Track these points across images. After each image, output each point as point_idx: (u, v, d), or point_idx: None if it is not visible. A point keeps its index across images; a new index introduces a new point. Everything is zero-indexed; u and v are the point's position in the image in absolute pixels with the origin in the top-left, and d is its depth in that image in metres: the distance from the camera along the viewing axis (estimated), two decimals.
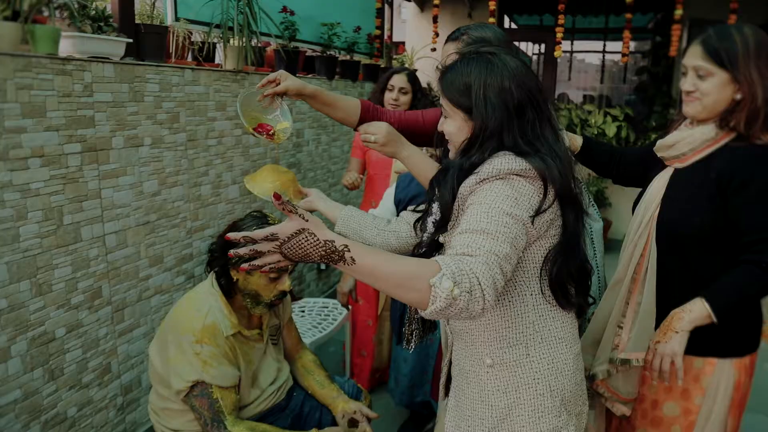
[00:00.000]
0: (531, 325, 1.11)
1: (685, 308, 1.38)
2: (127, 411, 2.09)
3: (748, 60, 1.33)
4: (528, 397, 1.11)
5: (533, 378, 1.11)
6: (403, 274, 0.89)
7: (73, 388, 1.85)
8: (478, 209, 0.99)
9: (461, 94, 1.10)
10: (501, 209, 0.98)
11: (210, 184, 2.47)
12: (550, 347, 1.12)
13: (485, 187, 1.02)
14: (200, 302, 1.57)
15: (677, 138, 1.46)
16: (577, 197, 1.10)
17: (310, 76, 3.39)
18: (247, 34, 2.50)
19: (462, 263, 0.89)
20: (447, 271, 0.87)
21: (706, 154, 1.41)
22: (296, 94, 1.50)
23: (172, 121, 2.20)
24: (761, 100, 1.33)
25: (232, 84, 2.56)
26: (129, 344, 2.08)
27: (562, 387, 1.12)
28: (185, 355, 1.49)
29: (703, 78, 1.38)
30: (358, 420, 1.73)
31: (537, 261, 1.10)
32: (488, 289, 0.88)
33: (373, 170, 2.70)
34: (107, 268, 1.95)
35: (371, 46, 4.30)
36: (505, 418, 1.11)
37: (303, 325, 2.46)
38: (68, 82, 1.73)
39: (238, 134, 2.63)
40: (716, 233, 1.38)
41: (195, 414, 1.51)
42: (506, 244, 0.94)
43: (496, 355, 1.12)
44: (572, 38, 6.52)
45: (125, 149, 1.98)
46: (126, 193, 2.00)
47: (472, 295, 0.87)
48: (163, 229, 2.21)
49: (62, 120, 1.72)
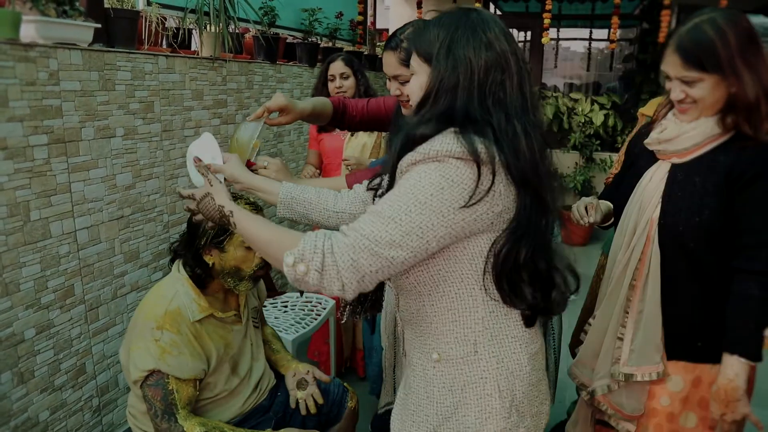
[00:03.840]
0: (480, 321, 1.03)
1: (727, 375, 1.27)
2: (104, 412, 2.02)
3: (731, 56, 1.22)
4: (474, 397, 1.04)
5: (480, 377, 1.04)
6: (266, 240, 0.99)
7: (44, 392, 1.77)
8: (395, 192, 0.95)
9: (430, 43, 1.03)
10: (415, 197, 0.92)
11: (187, 177, 2.38)
12: (500, 346, 1.05)
13: (416, 168, 0.95)
14: (165, 289, 1.52)
15: (677, 132, 1.35)
16: (536, 181, 0.98)
17: (291, 63, 3.29)
18: (224, 20, 2.40)
19: (325, 241, 0.92)
20: (299, 247, 0.92)
21: (709, 150, 1.32)
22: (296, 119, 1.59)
23: (146, 110, 2.10)
24: (753, 95, 1.23)
25: (209, 72, 2.46)
26: (104, 344, 2.00)
27: (513, 387, 1.05)
28: (145, 341, 1.42)
29: (691, 85, 1.28)
30: (308, 381, 1.73)
31: (484, 254, 1.00)
32: (345, 272, 0.90)
33: (327, 159, 2.73)
34: (79, 265, 1.87)
35: (354, 32, 4.21)
36: (450, 417, 1.05)
37: (286, 321, 2.40)
38: (32, 69, 1.63)
39: (216, 124, 2.54)
40: (724, 231, 1.29)
41: (146, 404, 1.43)
42: (395, 231, 0.91)
43: (443, 350, 1.06)
44: (558, 25, 6.47)
45: (96, 140, 1.88)
46: (98, 186, 1.91)
47: (324, 273, 0.90)
48: (138, 223, 2.12)
49: (26, 110, 1.63)
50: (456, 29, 1.01)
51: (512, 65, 1.00)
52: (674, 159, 1.38)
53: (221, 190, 1.11)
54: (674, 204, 1.35)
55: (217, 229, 1.46)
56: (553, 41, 6.55)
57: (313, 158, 2.79)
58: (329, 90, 2.64)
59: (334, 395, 1.79)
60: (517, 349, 1.06)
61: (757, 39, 1.27)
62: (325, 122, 1.75)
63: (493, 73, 0.99)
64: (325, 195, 1.29)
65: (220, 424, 1.49)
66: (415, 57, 1.07)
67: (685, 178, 1.34)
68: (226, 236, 1.49)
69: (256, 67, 2.85)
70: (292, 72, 3.23)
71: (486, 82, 0.98)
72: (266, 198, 1.27)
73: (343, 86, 2.61)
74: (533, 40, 6.22)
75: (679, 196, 1.34)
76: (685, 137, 1.33)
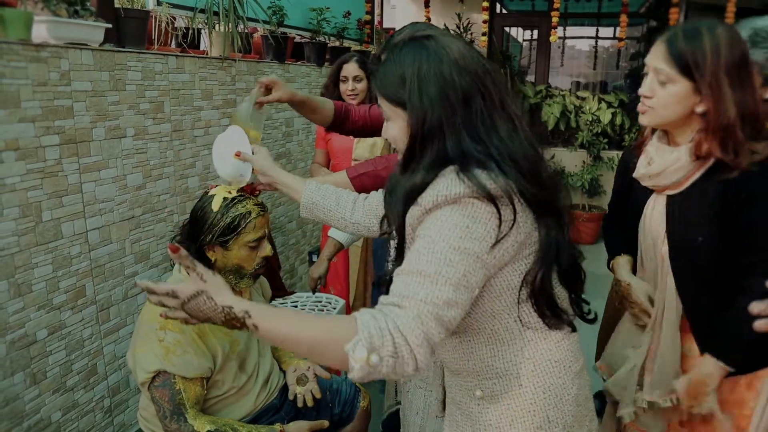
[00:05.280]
0: (519, 352, 0.99)
1: (702, 372, 1.29)
2: (115, 413, 2.02)
3: (717, 69, 1.17)
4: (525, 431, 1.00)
5: (528, 411, 0.99)
6: (310, 339, 0.78)
7: (56, 392, 1.77)
8: (422, 244, 0.86)
9: (397, 87, 0.94)
10: (448, 244, 0.84)
11: (197, 176, 2.38)
12: (544, 374, 1.00)
13: (434, 215, 0.88)
14: None
15: (662, 166, 1.32)
16: (549, 201, 0.94)
17: (300, 63, 3.29)
18: (234, 20, 2.39)
19: (386, 321, 0.78)
20: (363, 335, 0.76)
21: (702, 173, 1.28)
22: (287, 100, 1.57)
23: (156, 110, 2.10)
24: (734, 116, 1.17)
25: (219, 71, 2.46)
26: (115, 344, 1.99)
27: (563, 414, 1.01)
28: (149, 343, 1.42)
29: (663, 84, 1.23)
30: (308, 377, 1.73)
31: (515, 286, 0.96)
32: (419, 349, 0.78)
33: (336, 158, 2.68)
34: (90, 266, 1.86)
35: (361, 31, 4.20)
36: None
37: None
38: (44, 70, 1.63)
39: (225, 124, 2.53)
40: (733, 252, 1.28)
41: (155, 406, 1.43)
42: (447, 288, 0.82)
43: (485, 387, 1.01)
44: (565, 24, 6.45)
45: (107, 141, 1.88)
46: (109, 187, 1.91)
47: (398, 358, 0.77)
48: (148, 223, 2.12)
49: (38, 110, 1.62)
50: (420, 65, 0.93)
51: (488, 84, 0.94)
52: (668, 192, 1.36)
53: (220, 284, 0.85)
54: (680, 236, 1.33)
55: (224, 229, 1.46)
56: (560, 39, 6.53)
57: (320, 157, 2.77)
58: (341, 91, 2.59)
59: (347, 395, 1.79)
60: (561, 372, 1.01)
61: (749, 64, 1.22)
62: (321, 122, 1.75)
63: (473, 101, 0.93)
64: (343, 203, 1.29)
65: (230, 421, 1.48)
66: (385, 102, 0.99)
67: (684, 209, 1.32)
68: (232, 236, 1.48)
69: (264, 67, 2.85)
70: (301, 71, 3.22)
71: (470, 113, 0.92)
72: (289, 194, 1.31)
73: (356, 89, 2.57)
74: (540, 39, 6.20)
75: (683, 228, 1.32)
76: (671, 170, 1.31)
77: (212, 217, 1.47)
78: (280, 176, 1.32)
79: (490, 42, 4.92)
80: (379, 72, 0.99)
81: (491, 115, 0.93)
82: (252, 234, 1.49)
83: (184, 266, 0.82)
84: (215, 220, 1.46)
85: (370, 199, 1.30)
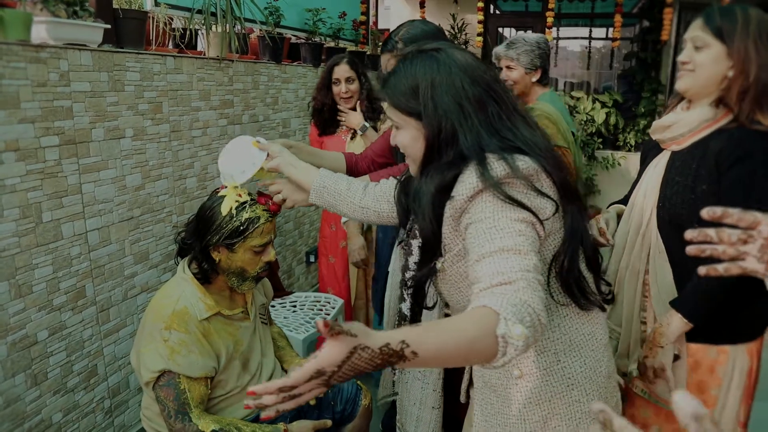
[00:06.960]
0: (557, 328, 1.03)
1: (663, 322, 1.38)
2: (116, 414, 2.01)
3: (746, 36, 1.31)
4: (563, 405, 1.03)
5: (567, 385, 1.03)
6: (468, 343, 0.74)
7: (57, 393, 1.76)
8: (483, 226, 0.89)
9: (408, 98, 0.99)
10: (507, 217, 0.88)
11: (195, 177, 2.38)
12: (580, 348, 1.04)
13: (478, 199, 0.92)
14: (172, 289, 1.52)
15: (674, 119, 1.43)
16: (575, 187, 1.00)
17: (296, 63, 3.29)
18: (231, 20, 2.40)
19: (511, 297, 0.78)
20: (508, 314, 0.75)
21: (704, 136, 1.37)
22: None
23: (155, 111, 2.10)
24: (753, 77, 1.30)
25: (216, 72, 2.46)
26: (115, 345, 1.99)
27: (598, 387, 1.05)
28: (154, 342, 1.42)
29: (699, 49, 1.36)
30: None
31: (548, 261, 1.01)
32: (542, 313, 0.79)
33: None
34: (90, 267, 1.86)
35: (356, 32, 4.21)
36: (540, 430, 1.05)
37: (295, 320, 2.39)
38: (43, 70, 1.63)
39: (223, 124, 2.54)
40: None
41: (159, 406, 1.44)
42: (531, 254, 0.85)
43: (524, 365, 1.04)
44: (558, 24, 6.47)
45: (106, 141, 1.88)
46: (108, 187, 1.91)
47: (535, 328, 0.77)
48: (147, 224, 2.12)
49: (38, 111, 1.62)
50: (432, 77, 0.97)
51: (499, 90, 1.00)
52: (673, 147, 1.44)
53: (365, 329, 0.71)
54: (672, 189, 1.40)
55: (232, 232, 1.46)
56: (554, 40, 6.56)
57: None
58: (334, 93, 2.60)
59: (348, 393, 1.79)
60: (594, 346, 1.06)
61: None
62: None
63: (488, 106, 0.98)
64: (354, 188, 1.31)
65: (234, 420, 1.49)
66: (396, 112, 1.02)
67: (682, 164, 1.40)
68: (239, 239, 1.49)
69: (261, 68, 2.85)
70: (297, 72, 3.22)
71: (487, 115, 0.97)
72: (299, 177, 1.33)
73: (350, 90, 2.58)
74: None
75: (677, 181, 1.40)
76: (681, 123, 1.40)
77: (221, 218, 1.47)
78: (293, 159, 1.35)
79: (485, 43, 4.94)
80: (390, 83, 1.03)
81: (509, 116, 0.99)
82: (259, 239, 1.49)
83: (333, 335, 0.69)
84: (224, 222, 1.47)
85: (382, 185, 1.32)
